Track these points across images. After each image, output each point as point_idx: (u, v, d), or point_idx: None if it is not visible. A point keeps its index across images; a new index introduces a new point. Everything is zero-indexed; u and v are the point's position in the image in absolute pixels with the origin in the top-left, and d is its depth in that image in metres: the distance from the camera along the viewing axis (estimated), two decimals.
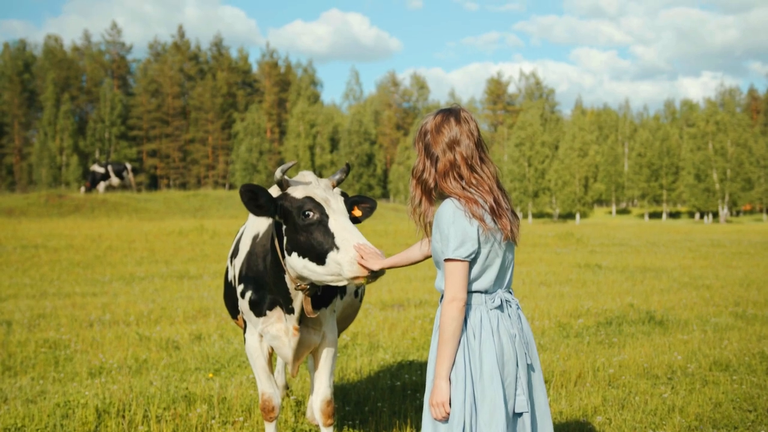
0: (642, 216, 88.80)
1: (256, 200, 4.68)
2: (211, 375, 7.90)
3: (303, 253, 4.53)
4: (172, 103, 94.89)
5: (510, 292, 4.01)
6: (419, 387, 7.65)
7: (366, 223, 32.24)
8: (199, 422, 6.21)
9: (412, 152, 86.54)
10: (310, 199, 4.59)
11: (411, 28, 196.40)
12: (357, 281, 4.36)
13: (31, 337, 10.15)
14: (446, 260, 3.75)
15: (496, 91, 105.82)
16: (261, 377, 5.39)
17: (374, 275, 4.33)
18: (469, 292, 3.84)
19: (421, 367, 8.59)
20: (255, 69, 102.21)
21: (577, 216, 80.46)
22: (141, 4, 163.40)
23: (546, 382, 7.90)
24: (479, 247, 3.79)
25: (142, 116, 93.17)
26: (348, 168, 4.94)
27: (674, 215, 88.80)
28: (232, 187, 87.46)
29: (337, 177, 4.89)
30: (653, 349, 9.56)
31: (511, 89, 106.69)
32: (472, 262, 3.80)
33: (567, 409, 6.92)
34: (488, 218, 3.82)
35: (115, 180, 40.39)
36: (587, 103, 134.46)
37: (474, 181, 3.87)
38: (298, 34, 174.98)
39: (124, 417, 6.13)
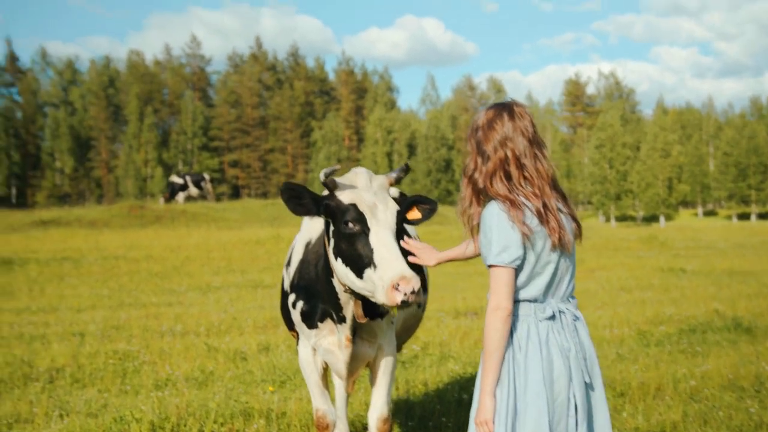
0: (729, 218, 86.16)
1: (298, 198, 4.45)
2: (271, 389, 7.73)
3: (345, 261, 4.31)
4: (251, 113, 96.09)
5: (569, 301, 3.70)
6: None
7: (443, 229, 31.91)
8: None
9: None
10: (354, 206, 4.32)
11: (487, 31, 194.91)
12: (388, 306, 4.11)
13: (101, 349, 10.18)
14: (489, 266, 3.50)
15: (575, 92, 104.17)
16: (315, 393, 5.16)
17: (405, 305, 4.04)
18: (516, 301, 3.56)
19: None
20: (332, 77, 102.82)
21: (662, 218, 78.52)
22: (219, 17, 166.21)
23: (622, 395, 7.51)
24: (524, 253, 3.51)
25: (222, 127, 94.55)
26: (407, 167, 4.61)
27: (764, 216, 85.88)
28: None
29: (395, 175, 4.57)
30: (739, 358, 9.02)
31: (590, 90, 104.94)
32: (518, 269, 3.52)
33: (644, 425, 6.52)
34: (534, 222, 3.54)
35: (193, 190, 40.95)
36: (669, 101, 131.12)
37: (523, 182, 3.60)
38: (373, 41, 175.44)
39: None
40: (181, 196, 41.01)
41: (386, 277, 4.03)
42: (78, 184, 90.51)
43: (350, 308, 4.66)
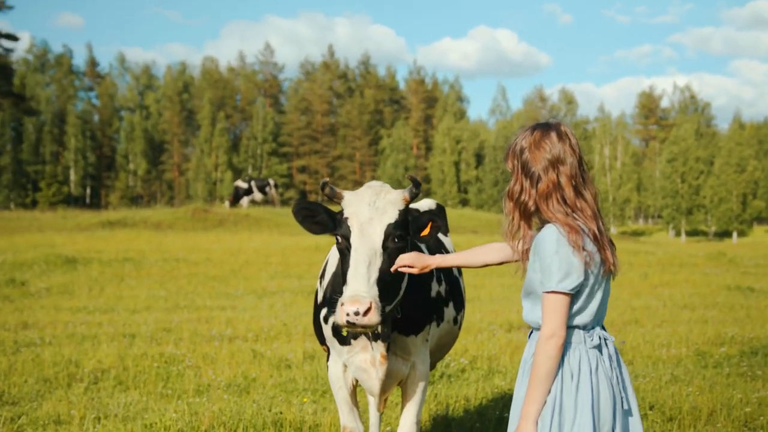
0: None
1: (313, 217, 4.37)
2: (305, 399, 7.60)
3: None
4: (321, 120, 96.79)
5: (604, 329, 3.61)
6: None
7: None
8: None
9: None
10: (346, 222, 4.29)
11: (561, 42, 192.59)
12: (339, 326, 4.09)
13: (148, 351, 10.19)
14: (547, 293, 3.37)
15: (648, 105, 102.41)
16: (343, 410, 5.00)
17: (351, 326, 3.99)
18: (568, 328, 3.45)
19: None
20: (402, 86, 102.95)
21: (734, 234, 76.52)
22: (294, 25, 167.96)
23: (671, 419, 7.18)
24: (584, 280, 3.41)
25: (292, 133, 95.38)
26: (416, 182, 4.41)
27: None
28: None
29: (407, 194, 4.39)
30: None
31: (664, 103, 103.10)
32: (574, 296, 3.42)
33: None
34: (592, 247, 3.43)
35: (257, 195, 41.28)
36: (747, 116, 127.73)
37: (579, 205, 3.48)
38: (445, 51, 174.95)
39: None
40: (245, 201, 41.38)
41: (343, 297, 4.00)
42: (150, 186, 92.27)
43: (389, 324, 4.53)
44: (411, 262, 4.16)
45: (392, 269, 4.18)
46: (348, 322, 3.92)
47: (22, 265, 20.22)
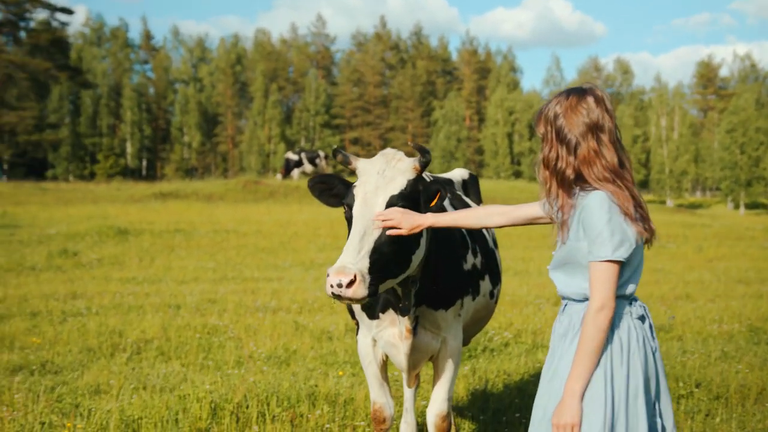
0: None
1: (330, 190, 4.26)
2: (341, 373, 7.53)
3: None
4: (373, 92, 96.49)
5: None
6: None
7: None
8: (318, 424, 5.85)
9: None
10: (353, 188, 4.17)
11: (617, 11, 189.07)
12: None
13: (192, 322, 10.23)
14: (597, 262, 3.23)
15: (707, 74, 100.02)
16: (373, 385, 4.90)
17: (336, 298, 3.82)
18: (617, 298, 3.31)
19: None
20: (454, 57, 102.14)
21: None
22: None
23: (718, 398, 6.97)
24: (635, 248, 3.28)
25: (345, 105, 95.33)
26: (421, 149, 4.22)
27: None
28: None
29: (417, 164, 4.22)
30: None
31: (723, 72, 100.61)
32: (623, 265, 3.29)
33: None
34: (637, 215, 3.31)
35: (308, 167, 41.30)
36: None
37: (622, 172, 3.33)
38: (499, 21, 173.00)
39: (238, 416, 5.86)
40: (296, 173, 41.45)
41: (330, 268, 3.87)
42: (204, 158, 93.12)
43: (411, 298, 4.41)
44: (397, 221, 3.94)
45: (375, 227, 3.98)
46: (333, 294, 3.78)
47: (75, 236, 20.51)
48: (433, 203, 4.21)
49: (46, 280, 14.41)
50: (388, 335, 4.62)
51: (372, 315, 4.64)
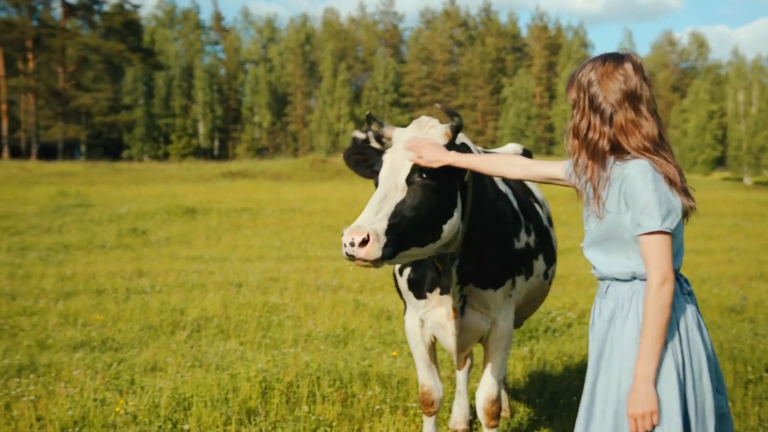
0: None
1: (366, 161, 4.11)
2: (395, 353, 7.43)
3: None
4: (442, 69, 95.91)
5: None
6: None
7: None
8: (369, 405, 5.77)
9: (690, 115, 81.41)
10: (380, 159, 3.98)
11: None
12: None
13: (252, 300, 10.26)
14: (648, 234, 3.04)
15: None
16: (421, 367, 4.77)
17: (350, 258, 3.64)
18: None
19: None
20: (524, 33, 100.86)
21: None
22: None
23: None
24: (679, 220, 3.11)
25: (413, 83, 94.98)
26: (450, 112, 4.04)
27: None
28: None
29: (449, 129, 4.03)
30: None
31: None
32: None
33: None
34: (682, 186, 3.14)
35: (375, 145, 41.33)
36: None
37: (662, 143, 3.15)
38: None
39: (288, 396, 5.81)
40: None
41: (352, 225, 3.69)
42: (275, 137, 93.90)
43: (451, 275, 4.26)
44: (422, 151, 3.80)
45: (405, 148, 3.85)
46: (347, 254, 3.61)
47: (145, 214, 20.82)
48: (466, 176, 4.03)
49: (115, 258, 14.64)
50: (436, 315, 4.49)
51: (419, 294, 4.51)
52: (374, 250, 3.59)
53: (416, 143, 3.85)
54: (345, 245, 3.58)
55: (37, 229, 18.32)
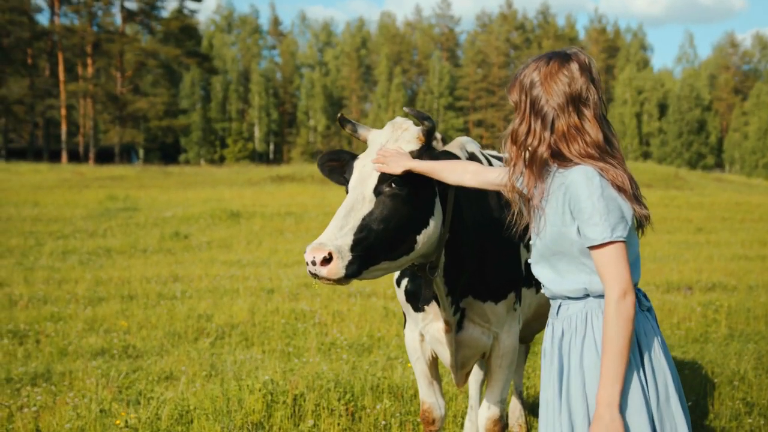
0: None
1: (341, 167, 3.86)
2: (410, 365, 7.18)
3: None
4: (497, 73, 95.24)
5: None
6: None
7: (680, 194, 29.71)
8: (378, 419, 5.53)
9: (752, 118, 79.47)
10: (355, 160, 3.75)
11: None
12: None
13: (281, 307, 10.10)
14: (602, 245, 2.76)
15: None
16: (421, 383, 4.51)
17: (314, 276, 3.41)
18: None
19: (681, 366, 7.26)
20: (582, 35, 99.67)
21: None
22: None
23: None
24: (630, 228, 2.83)
25: (468, 87, 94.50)
26: (417, 113, 3.69)
27: None
28: None
29: (421, 132, 3.75)
30: None
31: None
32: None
33: None
34: (633, 193, 2.85)
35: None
36: None
37: (608, 150, 2.87)
38: None
39: (294, 409, 5.61)
40: None
41: (314, 243, 3.46)
42: (329, 141, 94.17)
43: (441, 288, 4.01)
44: (385, 159, 3.57)
45: (372, 161, 3.62)
46: (310, 272, 3.41)
47: (189, 219, 20.87)
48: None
49: (154, 262, 14.63)
50: (434, 329, 4.22)
51: (417, 306, 4.26)
52: (337, 268, 3.38)
53: (382, 153, 3.61)
54: (307, 263, 3.38)
55: (82, 233, 18.45)
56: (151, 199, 26.13)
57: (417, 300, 4.22)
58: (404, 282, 4.32)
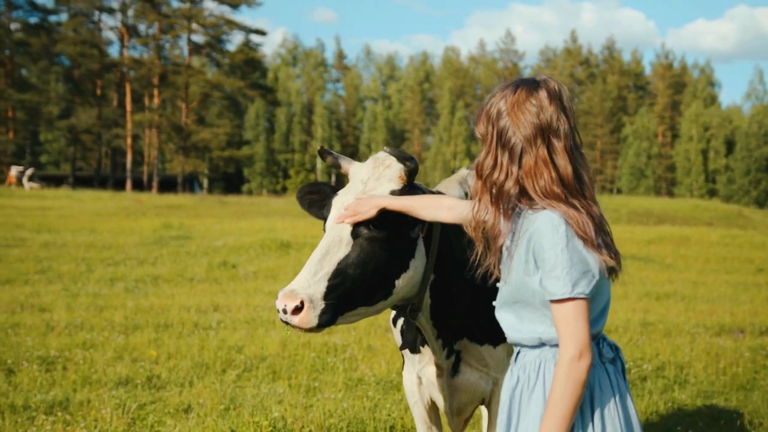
0: None
1: (321, 201, 3.68)
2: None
3: None
4: None
5: None
6: None
7: (742, 234, 28.80)
8: None
9: None
10: (334, 197, 3.59)
11: None
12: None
13: (313, 340, 9.91)
14: (562, 301, 2.54)
15: None
16: (420, 428, 4.28)
17: (286, 324, 3.23)
18: None
19: (719, 416, 6.89)
20: (648, 71, 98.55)
21: None
22: (539, 13, 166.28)
23: None
24: (598, 280, 2.58)
25: None
26: (397, 153, 3.55)
27: None
28: (619, 191, 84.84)
29: (403, 172, 3.56)
30: None
31: None
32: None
33: None
34: (599, 241, 2.61)
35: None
36: None
37: (578, 187, 2.64)
38: (699, 34, 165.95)
39: None
40: None
41: (286, 289, 3.29)
42: None
43: (428, 330, 3.80)
44: (356, 207, 3.36)
45: (338, 221, 3.41)
46: (281, 320, 3.23)
47: (239, 248, 20.88)
48: (424, 232, 3.54)
49: (199, 291, 14.61)
50: (429, 372, 4.01)
51: (413, 348, 4.04)
52: (308, 318, 3.21)
53: (350, 205, 3.43)
54: (278, 311, 3.21)
55: (133, 261, 18.57)
56: (205, 228, 26.29)
57: (412, 341, 4.00)
58: (400, 322, 4.12)
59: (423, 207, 3.31)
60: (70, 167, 69.27)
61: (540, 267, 2.59)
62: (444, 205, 3.28)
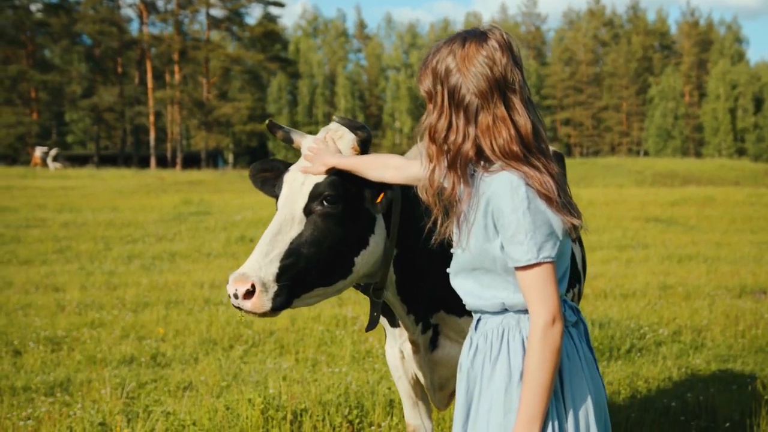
0: None
1: (276, 178, 3.46)
2: None
3: None
4: (585, 70, 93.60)
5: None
6: (705, 410, 5.84)
7: (762, 191, 28.33)
8: None
9: None
10: (287, 173, 3.36)
11: None
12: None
13: (323, 313, 9.81)
14: (528, 266, 2.38)
15: None
16: (405, 404, 4.11)
17: (238, 309, 3.03)
18: None
19: (734, 380, 6.69)
20: (673, 30, 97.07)
21: None
22: None
23: None
24: (561, 242, 2.43)
25: (555, 85, 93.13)
26: (348, 122, 3.33)
27: None
28: (646, 153, 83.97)
29: (355, 140, 3.33)
30: None
31: None
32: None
33: None
34: (561, 200, 2.43)
35: None
36: None
37: (536, 143, 2.45)
38: None
39: (293, 426, 5.28)
40: None
41: (240, 270, 3.07)
42: (413, 143, 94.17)
43: (397, 305, 3.63)
44: (313, 157, 3.22)
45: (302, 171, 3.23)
46: (233, 305, 3.04)
47: (258, 222, 20.78)
48: (379, 200, 3.26)
49: (216, 266, 14.53)
50: (408, 348, 3.84)
51: (392, 321, 3.87)
52: (261, 302, 3.02)
53: (312, 149, 3.26)
54: (230, 296, 3.04)
55: (151, 237, 18.55)
56: (224, 203, 26.22)
57: (393, 314, 3.83)
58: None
59: (369, 167, 3.13)
60: (94, 146, 69.62)
61: (500, 232, 2.42)
62: (390, 165, 3.09)
